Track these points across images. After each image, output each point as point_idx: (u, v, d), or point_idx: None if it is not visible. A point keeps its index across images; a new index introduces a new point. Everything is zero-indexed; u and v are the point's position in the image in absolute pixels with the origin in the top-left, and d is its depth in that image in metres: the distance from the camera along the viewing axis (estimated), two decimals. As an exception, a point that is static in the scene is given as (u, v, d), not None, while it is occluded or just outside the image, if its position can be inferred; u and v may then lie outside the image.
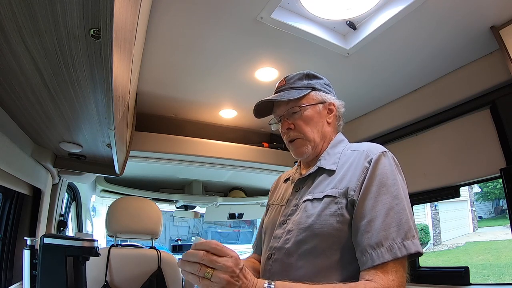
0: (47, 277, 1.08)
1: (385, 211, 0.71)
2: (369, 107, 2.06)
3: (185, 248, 4.88)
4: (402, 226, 0.70)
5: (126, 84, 0.90)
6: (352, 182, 0.77)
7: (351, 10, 1.29)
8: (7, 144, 1.07)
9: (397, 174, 0.78)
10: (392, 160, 0.80)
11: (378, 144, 0.85)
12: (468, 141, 1.61)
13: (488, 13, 1.23)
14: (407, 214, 0.72)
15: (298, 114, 0.91)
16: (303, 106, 0.91)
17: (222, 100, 1.98)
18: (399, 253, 0.67)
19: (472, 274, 1.60)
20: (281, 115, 0.94)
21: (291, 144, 0.93)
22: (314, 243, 0.76)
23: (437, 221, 10.08)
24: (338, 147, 0.91)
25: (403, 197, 0.74)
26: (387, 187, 0.74)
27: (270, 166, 2.39)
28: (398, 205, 0.72)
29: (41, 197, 1.51)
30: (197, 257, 0.63)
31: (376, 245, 0.69)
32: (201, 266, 0.62)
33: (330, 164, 0.86)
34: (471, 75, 1.54)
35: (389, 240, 0.68)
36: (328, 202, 0.78)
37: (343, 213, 0.76)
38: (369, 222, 0.71)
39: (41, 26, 0.58)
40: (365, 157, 0.80)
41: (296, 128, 0.91)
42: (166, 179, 3.05)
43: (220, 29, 1.31)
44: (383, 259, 0.67)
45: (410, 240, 0.69)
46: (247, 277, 0.66)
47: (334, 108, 0.96)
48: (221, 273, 0.62)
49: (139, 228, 1.78)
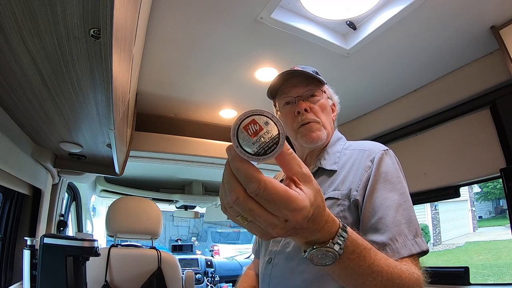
0: (47, 277, 1.08)
1: (395, 208, 0.69)
2: (369, 107, 2.06)
3: (185, 248, 4.86)
4: (412, 223, 0.69)
5: (126, 84, 0.90)
6: (354, 183, 0.76)
7: (351, 10, 1.29)
8: (7, 144, 1.07)
9: (400, 172, 0.77)
10: (394, 158, 0.79)
11: (378, 143, 0.83)
12: (468, 141, 1.61)
13: (488, 13, 1.23)
14: (414, 212, 0.71)
15: (317, 99, 0.87)
16: (323, 91, 0.89)
17: (222, 100, 1.98)
18: (413, 250, 0.66)
19: (472, 274, 1.60)
20: (298, 95, 0.87)
21: (304, 128, 0.85)
22: None
23: (437, 221, 10.08)
24: (337, 146, 0.89)
25: (408, 194, 0.73)
26: (393, 184, 0.73)
27: (270, 166, 2.39)
28: (406, 202, 0.71)
29: (41, 197, 1.51)
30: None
31: (391, 241, 0.66)
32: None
33: (330, 164, 0.84)
34: (471, 75, 1.54)
35: (402, 236, 0.66)
36: (330, 205, 0.76)
37: (345, 215, 0.74)
38: (380, 219, 0.69)
39: (41, 26, 0.58)
40: (367, 156, 0.78)
41: (312, 112, 0.86)
42: (166, 179, 3.05)
43: (220, 29, 1.31)
44: (399, 255, 0.65)
45: (420, 238, 0.68)
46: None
47: (335, 109, 0.96)
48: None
49: (139, 228, 1.78)
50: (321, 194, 0.46)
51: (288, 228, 0.41)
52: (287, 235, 0.44)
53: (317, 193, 0.44)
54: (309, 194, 0.43)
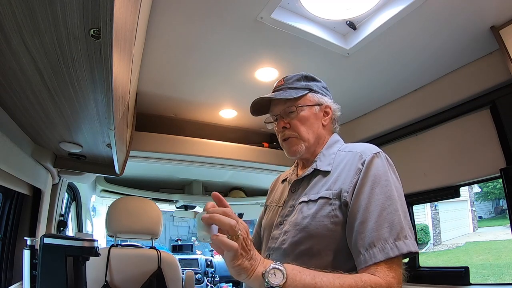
0: (47, 277, 1.08)
1: (378, 212, 0.72)
2: (369, 107, 2.06)
3: (185, 248, 4.87)
4: (395, 227, 0.71)
5: (126, 84, 0.90)
6: (345, 184, 0.79)
7: (351, 10, 1.29)
8: (7, 144, 1.07)
9: (390, 175, 0.79)
10: (385, 160, 0.81)
11: (373, 145, 0.86)
12: (468, 141, 1.61)
13: (488, 13, 1.23)
14: (400, 214, 0.73)
15: (295, 114, 0.92)
16: (300, 106, 0.92)
17: (222, 100, 1.98)
18: (391, 253, 0.68)
19: (472, 274, 1.60)
20: (277, 114, 0.95)
21: (285, 143, 0.94)
22: (310, 244, 0.78)
23: (437, 221, 10.07)
24: (333, 148, 0.93)
25: (396, 197, 0.75)
26: (380, 187, 0.75)
27: (270, 166, 2.39)
28: (391, 206, 0.73)
29: (41, 197, 1.51)
30: (232, 216, 0.64)
31: (369, 246, 0.70)
32: (237, 225, 0.63)
33: (325, 165, 0.88)
34: (471, 75, 1.54)
35: (382, 240, 0.70)
36: (322, 204, 0.79)
37: (337, 214, 0.77)
38: (362, 223, 0.73)
39: (41, 26, 0.58)
40: (359, 159, 0.81)
41: (291, 128, 0.92)
42: (166, 179, 3.05)
43: (220, 29, 1.31)
44: (375, 259, 0.68)
45: (402, 241, 0.70)
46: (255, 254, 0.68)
47: (330, 111, 0.97)
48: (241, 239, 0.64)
49: (139, 228, 1.77)
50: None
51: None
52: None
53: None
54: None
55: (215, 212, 0.63)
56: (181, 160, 2.17)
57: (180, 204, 3.14)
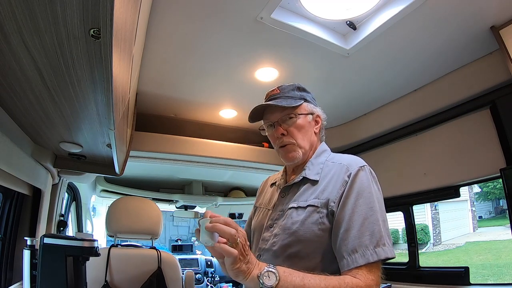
0: (47, 277, 1.08)
1: (361, 221, 0.80)
2: (369, 107, 2.06)
3: (185, 248, 4.87)
4: (375, 235, 0.79)
5: (126, 84, 0.90)
6: (332, 194, 0.86)
7: (351, 10, 1.29)
8: (7, 144, 1.07)
9: (373, 187, 0.86)
10: (369, 174, 0.88)
11: (358, 158, 0.93)
12: (468, 141, 1.61)
13: (488, 13, 1.23)
14: (380, 224, 0.81)
15: (293, 121, 0.97)
16: (298, 114, 0.97)
17: (222, 100, 1.97)
18: (371, 259, 0.77)
19: (472, 274, 1.60)
20: (275, 121, 0.98)
21: (282, 149, 0.98)
22: (299, 248, 0.85)
23: (437, 221, 10.07)
24: (321, 157, 0.99)
25: (377, 208, 0.83)
26: (364, 199, 0.83)
27: (270, 166, 2.39)
28: (372, 216, 0.81)
29: (41, 197, 1.51)
30: (232, 225, 0.72)
31: (352, 251, 0.78)
32: (237, 233, 0.71)
33: (313, 174, 0.94)
34: (471, 75, 1.54)
35: (363, 247, 0.78)
36: (311, 211, 0.86)
37: (324, 222, 0.85)
38: (346, 231, 0.80)
39: (41, 26, 0.58)
40: (345, 171, 0.88)
41: (289, 134, 0.97)
42: (166, 179, 3.05)
43: (220, 29, 1.31)
44: (357, 264, 0.77)
45: (381, 248, 0.78)
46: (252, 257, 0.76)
47: (320, 120, 1.03)
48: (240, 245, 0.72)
49: (139, 228, 1.77)
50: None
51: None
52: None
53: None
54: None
55: (218, 221, 0.71)
56: (181, 160, 2.17)
57: (180, 204, 3.15)
